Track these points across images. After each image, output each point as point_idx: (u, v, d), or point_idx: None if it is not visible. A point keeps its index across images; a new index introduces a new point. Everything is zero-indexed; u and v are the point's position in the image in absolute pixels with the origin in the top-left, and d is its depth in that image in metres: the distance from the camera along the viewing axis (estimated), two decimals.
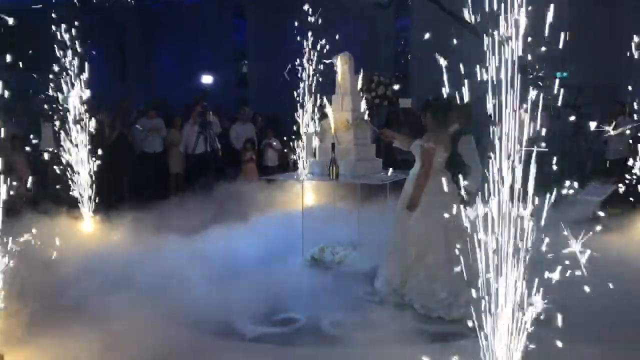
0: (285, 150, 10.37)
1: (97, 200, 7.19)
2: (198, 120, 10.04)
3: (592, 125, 3.19)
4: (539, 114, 2.73)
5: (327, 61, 6.73)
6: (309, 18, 7.60)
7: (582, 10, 10.26)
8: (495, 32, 2.74)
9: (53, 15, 6.82)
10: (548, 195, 2.81)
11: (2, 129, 3.95)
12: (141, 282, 5.23)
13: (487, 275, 2.88)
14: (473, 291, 2.98)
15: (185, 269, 5.65)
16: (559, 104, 2.88)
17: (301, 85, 8.17)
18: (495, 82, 2.75)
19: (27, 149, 8.16)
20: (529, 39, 2.73)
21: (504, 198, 2.79)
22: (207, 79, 8.40)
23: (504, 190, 2.79)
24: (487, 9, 2.74)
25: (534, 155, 2.75)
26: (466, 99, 2.90)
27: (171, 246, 6.47)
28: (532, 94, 2.72)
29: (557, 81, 2.85)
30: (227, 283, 5.22)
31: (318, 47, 7.49)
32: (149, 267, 5.68)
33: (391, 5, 8.96)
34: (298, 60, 7.60)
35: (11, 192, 3.87)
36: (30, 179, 7.10)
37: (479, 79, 2.82)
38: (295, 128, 8.52)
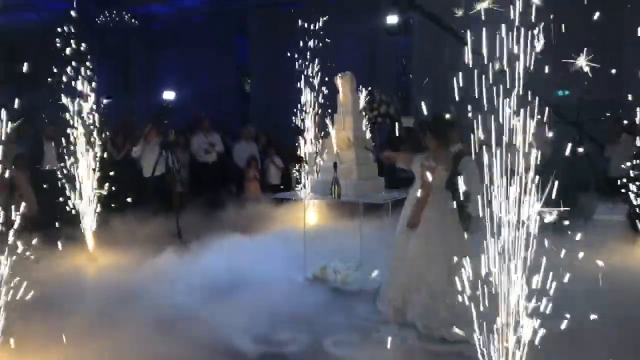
0: (288, 169, 10.42)
1: (100, 219, 7.22)
2: (158, 140, 9.27)
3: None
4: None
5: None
6: (311, 38, 7.68)
7: (582, 28, 10.32)
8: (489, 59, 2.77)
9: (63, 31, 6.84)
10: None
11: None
12: (140, 299, 5.25)
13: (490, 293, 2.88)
14: (474, 311, 2.97)
15: (186, 286, 5.68)
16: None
17: (302, 101, 8.26)
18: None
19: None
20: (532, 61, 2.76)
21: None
22: (168, 95, 8.00)
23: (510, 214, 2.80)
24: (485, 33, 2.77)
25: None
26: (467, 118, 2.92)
27: (172, 263, 6.49)
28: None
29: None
30: (229, 301, 5.22)
31: (320, 66, 7.57)
32: (149, 284, 5.70)
33: (401, 32, 8.99)
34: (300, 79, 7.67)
35: (17, 213, 3.87)
36: (33, 197, 7.13)
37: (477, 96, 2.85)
38: (297, 147, 8.58)
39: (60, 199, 7.02)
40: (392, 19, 8.67)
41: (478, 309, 3.01)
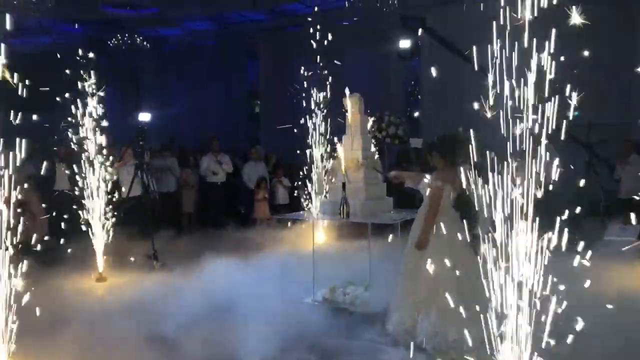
0: (296, 190, 10.45)
1: (110, 241, 7.26)
2: (132, 162, 9.12)
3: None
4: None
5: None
6: (320, 60, 7.76)
7: (592, 49, 10.35)
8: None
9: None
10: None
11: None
12: (150, 322, 5.24)
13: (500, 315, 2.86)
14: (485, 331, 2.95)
15: (195, 309, 5.66)
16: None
17: (310, 124, 8.31)
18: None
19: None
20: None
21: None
22: (144, 117, 7.87)
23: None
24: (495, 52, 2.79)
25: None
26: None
27: (181, 285, 6.49)
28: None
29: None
30: (237, 323, 5.20)
31: (329, 88, 7.63)
32: (158, 306, 5.70)
33: (413, 57, 9.04)
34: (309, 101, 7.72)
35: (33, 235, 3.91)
36: (45, 219, 7.20)
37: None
38: (305, 167, 8.62)
39: (68, 217, 7.06)
40: (405, 44, 8.71)
41: (489, 331, 2.98)
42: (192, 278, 6.74)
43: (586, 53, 3.15)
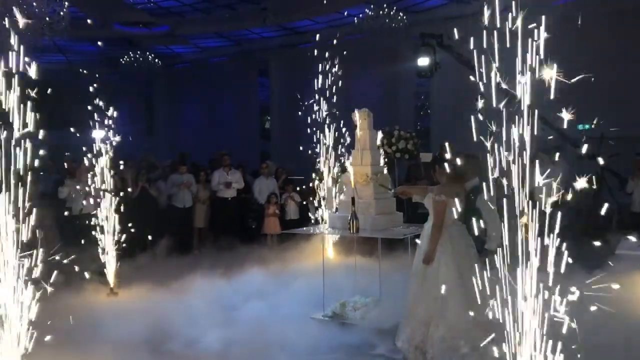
0: (305, 202, 10.46)
1: (121, 256, 7.30)
2: (84, 179, 8.40)
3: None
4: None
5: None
6: (331, 76, 7.81)
7: (605, 62, 10.33)
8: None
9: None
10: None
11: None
12: (163, 336, 5.26)
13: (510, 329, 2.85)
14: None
15: (202, 323, 5.68)
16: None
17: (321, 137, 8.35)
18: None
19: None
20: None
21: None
22: (98, 134, 7.53)
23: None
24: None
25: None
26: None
27: (191, 299, 6.50)
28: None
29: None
30: (246, 338, 5.20)
31: (339, 103, 7.67)
32: (170, 320, 5.72)
33: (432, 74, 9.00)
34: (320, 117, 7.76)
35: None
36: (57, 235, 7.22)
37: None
38: (316, 182, 8.64)
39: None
40: (423, 61, 8.70)
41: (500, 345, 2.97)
42: (201, 291, 6.76)
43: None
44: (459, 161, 4.23)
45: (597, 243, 2.95)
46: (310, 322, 5.86)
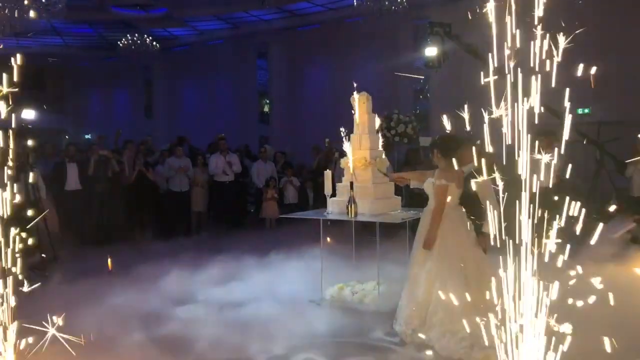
0: (304, 188, 10.47)
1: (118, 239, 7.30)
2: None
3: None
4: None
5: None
6: (330, 60, 7.74)
7: (605, 46, 10.27)
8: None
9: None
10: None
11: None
12: (153, 318, 5.29)
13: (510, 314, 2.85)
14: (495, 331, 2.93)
15: (201, 307, 5.70)
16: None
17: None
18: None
19: None
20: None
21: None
22: (28, 114, 6.90)
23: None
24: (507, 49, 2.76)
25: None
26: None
27: (189, 284, 6.52)
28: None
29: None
30: (244, 322, 5.22)
31: (338, 87, 7.61)
32: (167, 306, 5.74)
33: (442, 66, 8.86)
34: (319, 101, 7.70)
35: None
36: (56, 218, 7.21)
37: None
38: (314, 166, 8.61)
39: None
40: (431, 51, 8.56)
41: (498, 330, 2.97)
42: (201, 277, 6.77)
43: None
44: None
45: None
46: (308, 305, 5.87)
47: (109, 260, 7.13)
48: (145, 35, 16.96)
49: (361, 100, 6.46)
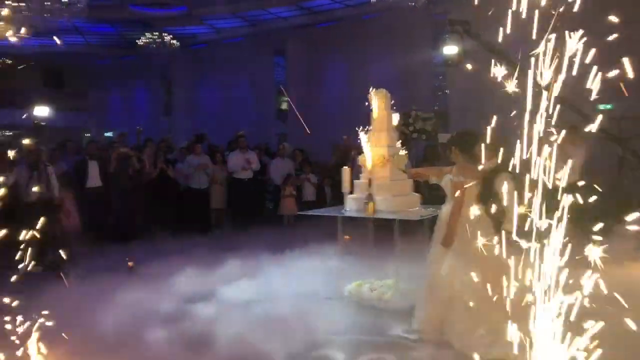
0: (323, 185, 10.45)
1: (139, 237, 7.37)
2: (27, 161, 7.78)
3: None
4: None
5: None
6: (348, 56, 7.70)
7: (626, 42, 10.07)
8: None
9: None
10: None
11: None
12: (175, 317, 5.33)
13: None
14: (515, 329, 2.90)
15: (219, 304, 5.74)
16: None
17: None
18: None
19: None
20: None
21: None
22: (41, 111, 6.85)
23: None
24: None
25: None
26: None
27: (207, 281, 6.56)
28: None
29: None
30: (263, 319, 5.24)
31: (356, 84, 7.58)
32: (186, 303, 5.79)
33: (460, 63, 8.73)
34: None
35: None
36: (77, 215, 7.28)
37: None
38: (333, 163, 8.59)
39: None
40: (451, 49, 8.44)
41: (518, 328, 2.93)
42: (220, 274, 6.81)
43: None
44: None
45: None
46: (326, 302, 5.88)
47: (130, 260, 7.21)
48: (165, 34, 17.08)
49: (379, 96, 6.43)
